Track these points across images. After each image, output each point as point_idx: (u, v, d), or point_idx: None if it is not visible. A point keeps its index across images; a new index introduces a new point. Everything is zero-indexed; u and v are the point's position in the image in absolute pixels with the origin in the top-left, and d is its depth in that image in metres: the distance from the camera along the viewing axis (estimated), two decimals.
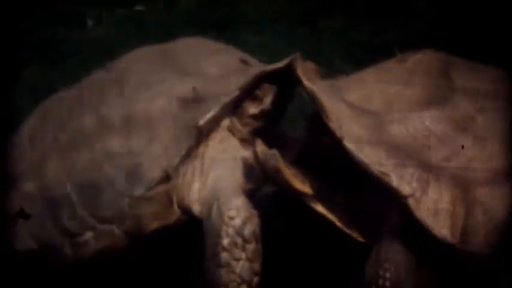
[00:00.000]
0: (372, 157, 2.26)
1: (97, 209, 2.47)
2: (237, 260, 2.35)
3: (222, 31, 2.92)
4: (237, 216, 2.37)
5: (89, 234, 2.49)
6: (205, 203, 2.44)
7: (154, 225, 2.47)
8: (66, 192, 2.50)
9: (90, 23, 4.11)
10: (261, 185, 2.54)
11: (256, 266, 2.37)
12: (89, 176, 2.49)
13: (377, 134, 2.31)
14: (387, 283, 2.27)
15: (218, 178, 2.46)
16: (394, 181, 2.24)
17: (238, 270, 2.34)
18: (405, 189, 2.23)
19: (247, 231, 2.36)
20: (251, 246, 2.36)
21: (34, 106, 2.77)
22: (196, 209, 2.46)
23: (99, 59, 2.81)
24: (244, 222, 2.37)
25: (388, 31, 3.82)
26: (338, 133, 2.31)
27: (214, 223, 2.38)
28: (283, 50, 3.60)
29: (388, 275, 2.27)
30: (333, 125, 2.32)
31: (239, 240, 2.35)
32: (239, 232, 2.36)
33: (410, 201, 2.23)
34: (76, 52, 3.86)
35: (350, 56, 3.62)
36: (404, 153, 2.28)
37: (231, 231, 2.36)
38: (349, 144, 2.28)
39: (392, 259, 2.29)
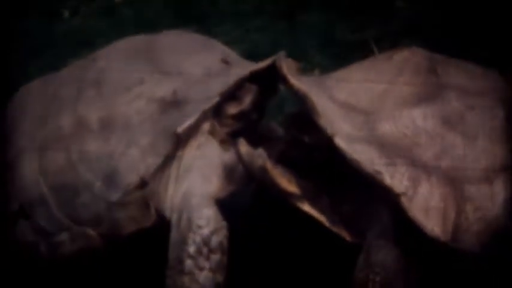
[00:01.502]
0: (363, 155, 2.26)
1: (73, 211, 2.45)
2: (201, 269, 2.34)
3: (201, 23, 2.91)
4: (206, 226, 2.36)
5: (64, 235, 2.47)
6: (176, 210, 2.42)
7: (131, 228, 2.44)
8: (42, 193, 2.48)
9: (66, 14, 4.07)
10: (242, 186, 2.52)
11: (219, 277, 2.36)
12: (65, 178, 2.46)
13: (367, 132, 2.31)
14: (377, 286, 2.27)
15: (192, 186, 2.44)
16: (387, 179, 2.24)
17: (201, 279, 2.33)
18: (398, 187, 2.23)
19: (214, 241, 2.35)
20: (216, 257, 2.35)
21: (10, 98, 2.73)
22: (168, 215, 2.44)
23: (76, 50, 2.79)
24: (212, 233, 2.36)
25: (366, 28, 3.82)
26: (329, 131, 2.29)
27: (182, 230, 2.37)
28: (262, 43, 3.61)
29: (378, 278, 2.27)
30: (324, 122, 2.31)
31: (205, 250, 2.34)
32: (206, 241, 2.35)
33: (403, 200, 2.23)
34: (52, 43, 3.82)
35: (328, 51, 3.62)
36: (395, 151, 2.28)
37: (198, 239, 2.35)
38: (341, 142, 2.27)
39: (382, 262, 2.28)
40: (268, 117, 2.71)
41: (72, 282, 2.58)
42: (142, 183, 2.41)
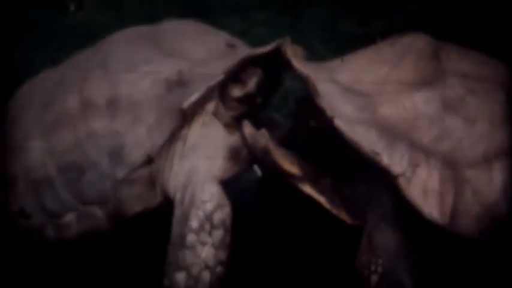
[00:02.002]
0: (363, 136, 2.27)
1: (79, 191, 2.45)
2: (203, 244, 2.33)
3: (206, 17, 2.91)
4: (209, 201, 2.36)
5: (71, 216, 2.47)
6: (181, 187, 2.42)
7: (137, 208, 2.45)
8: (49, 173, 2.48)
9: (72, 6, 4.07)
10: (245, 168, 2.53)
11: (222, 254, 2.35)
12: (72, 157, 2.46)
13: (368, 115, 2.32)
14: (379, 269, 2.28)
15: (196, 164, 2.45)
16: (385, 160, 2.25)
17: (203, 254, 2.33)
18: (396, 168, 2.24)
19: (217, 217, 2.35)
20: (218, 233, 2.35)
21: (15, 90, 2.74)
22: (171, 192, 2.44)
23: (81, 43, 2.78)
24: (215, 209, 2.36)
25: (371, 21, 3.81)
26: (329, 112, 2.31)
27: (185, 206, 2.37)
28: (266, 36, 3.60)
29: (380, 261, 2.29)
30: (324, 104, 2.32)
31: (207, 225, 2.34)
32: (209, 217, 2.35)
33: (401, 181, 2.24)
34: (58, 36, 3.83)
35: (332, 45, 3.61)
36: (395, 133, 2.29)
37: (201, 214, 2.35)
38: (340, 123, 2.29)
39: (384, 245, 2.30)
40: (272, 111, 2.71)
41: (78, 269, 2.58)
42: (149, 160, 2.42)
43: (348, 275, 2.35)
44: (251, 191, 2.71)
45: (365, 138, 2.26)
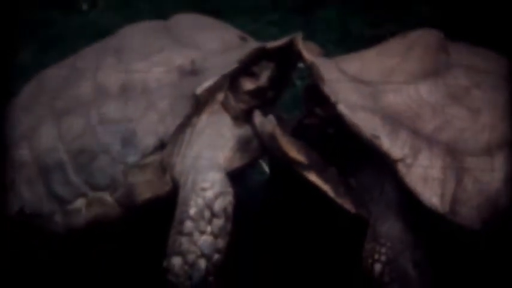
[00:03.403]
0: (365, 122, 2.28)
1: (90, 176, 2.45)
2: (201, 232, 2.33)
3: (217, 17, 2.91)
4: (210, 188, 2.36)
5: (80, 202, 2.47)
6: (184, 173, 2.42)
7: (147, 195, 2.45)
8: (60, 158, 2.48)
9: (85, 6, 4.09)
10: (251, 163, 2.53)
11: (221, 243, 2.34)
12: (83, 142, 2.46)
13: (372, 102, 2.32)
14: (383, 257, 2.28)
15: (202, 150, 2.45)
16: (385, 144, 2.25)
17: (200, 242, 2.32)
18: (396, 152, 2.24)
19: (218, 205, 2.35)
20: (219, 222, 2.34)
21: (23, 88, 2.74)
22: (177, 177, 2.44)
23: (92, 43, 2.79)
24: (216, 196, 2.35)
25: (383, 23, 3.81)
26: (333, 98, 2.32)
27: (186, 192, 2.37)
28: (278, 37, 3.60)
29: (383, 249, 2.28)
30: (328, 90, 2.33)
31: (207, 213, 2.34)
32: (209, 205, 2.34)
33: (400, 166, 2.24)
34: (70, 35, 3.84)
35: (344, 46, 3.60)
36: (399, 121, 2.29)
37: (200, 201, 2.34)
38: (343, 108, 2.30)
39: (387, 234, 2.30)
40: (283, 111, 2.71)
41: (84, 255, 2.59)
42: (161, 146, 2.42)
43: (354, 267, 2.35)
44: (258, 188, 2.71)
45: (367, 124, 2.27)
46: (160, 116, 2.42)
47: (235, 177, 2.46)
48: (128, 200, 2.44)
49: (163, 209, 2.46)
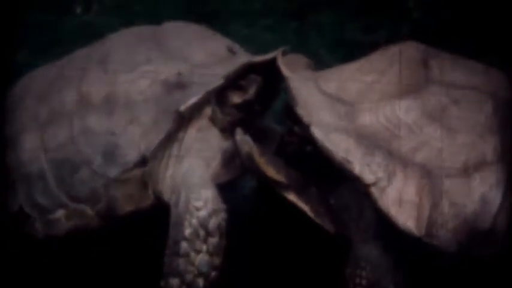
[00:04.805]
0: (338, 144, 2.24)
1: (71, 187, 2.44)
2: (197, 251, 2.33)
3: (212, 21, 2.91)
4: (203, 207, 2.35)
5: (60, 212, 2.47)
6: (176, 190, 2.41)
7: (128, 207, 2.44)
8: (41, 167, 2.47)
9: (79, 9, 4.08)
10: (240, 175, 2.52)
11: (216, 260, 2.35)
12: (65, 153, 2.45)
13: (348, 122, 2.29)
14: (364, 282, 2.27)
15: (192, 167, 2.44)
16: (357, 169, 2.22)
17: (196, 262, 2.33)
18: (368, 177, 2.21)
19: (212, 224, 2.34)
20: (213, 240, 2.34)
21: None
22: (166, 195, 2.44)
23: (85, 46, 2.79)
24: (210, 215, 2.35)
25: (377, 28, 3.81)
26: (306, 119, 2.29)
27: (179, 211, 2.36)
28: (271, 42, 3.60)
29: (364, 273, 2.27)
30: (302, 111, 2.31)
31: (202, 232, 2.34)
32: (203, 224, 2.34)
33: (373, 190, 2.20)
34: (65, 39, 3.83)
35: (338, 51, 3.61)
36: (374, 142, 2.26)
37: (194, 221, 2.34)
38: (316, 130, 2.27)
39: (367, 257, 2.28)
40: (273, 122, 2.71)
41: (67, 262, 2.58)
42: (143, 161, 2.41)
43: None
44: (248, 196, 2.71)
45: (341, 146, 2.24)
46: (143, 131, 2.41)
47: (227, 184, 2.46)
48: (109, 213, 2.44)
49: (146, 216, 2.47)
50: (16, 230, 2.54)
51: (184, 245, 2.32)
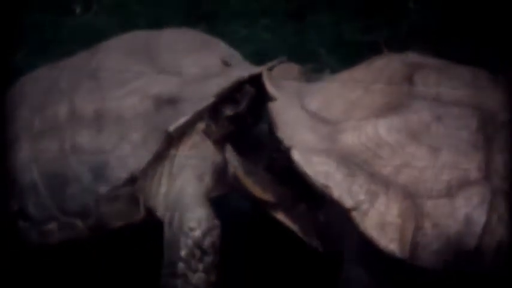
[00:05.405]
0: (319, 168, 2.21)
1: (62, 201, 2.45)
2: (194, 271, 2.33)
3: (211, 22, 2.91)
4: (197, 227, 2.35)
5: (53, 224, 2.48)
6: (169, 209, 2.41)
7: (118, 222, 2.45)
8: (34, 179, 2.48)
9: (78, 9, 4.08)
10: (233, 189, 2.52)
11: (213, 277, 2.35)
12: (57, 167, 2.46)
13: (329, 143, 2.26)
14: None
15: (184, 185, 2.44)
16: (336, 193, 2.18)
17: (194, 281, 2.33)
18: (347, 201, 2.17)
19: (207, 243, 2.34)
20: (209, 259, 2.34)
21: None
22: (160, 212, 2.44)
23: (87, 46, 2.79)
24: (204, 235, 2.34)
25: (376, 29, 3.81)
26: (286, 142, 2.27)
27: (174, 232, 2.36)
28: (271, 42, 3.61)
29: None
30: (282, 134, 2.28)
31: (197, 252, 2.34)
32: (198, 244, 2.34)
33: (354, 214, 2.17)
34: (64, 39, 3.83)
35: (337, 52, 3.61)
36: (356, 163, 2.22)
37: (189, 242, 2.34)
38: (296, 154, 2.24)
39: (357, 278, 2.26)
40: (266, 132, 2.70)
41: (64, 265, 2.60)
42: (132, 179, 2.41)
43: None
44: (243, 206, 2.69)
45: (320, 170, 2.20)
46: (132, 149, 2.41)
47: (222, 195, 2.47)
48: (99, 227, 2.45)
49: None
50: (13, 234, 2.54)
51: (181, 265, 2.33)
